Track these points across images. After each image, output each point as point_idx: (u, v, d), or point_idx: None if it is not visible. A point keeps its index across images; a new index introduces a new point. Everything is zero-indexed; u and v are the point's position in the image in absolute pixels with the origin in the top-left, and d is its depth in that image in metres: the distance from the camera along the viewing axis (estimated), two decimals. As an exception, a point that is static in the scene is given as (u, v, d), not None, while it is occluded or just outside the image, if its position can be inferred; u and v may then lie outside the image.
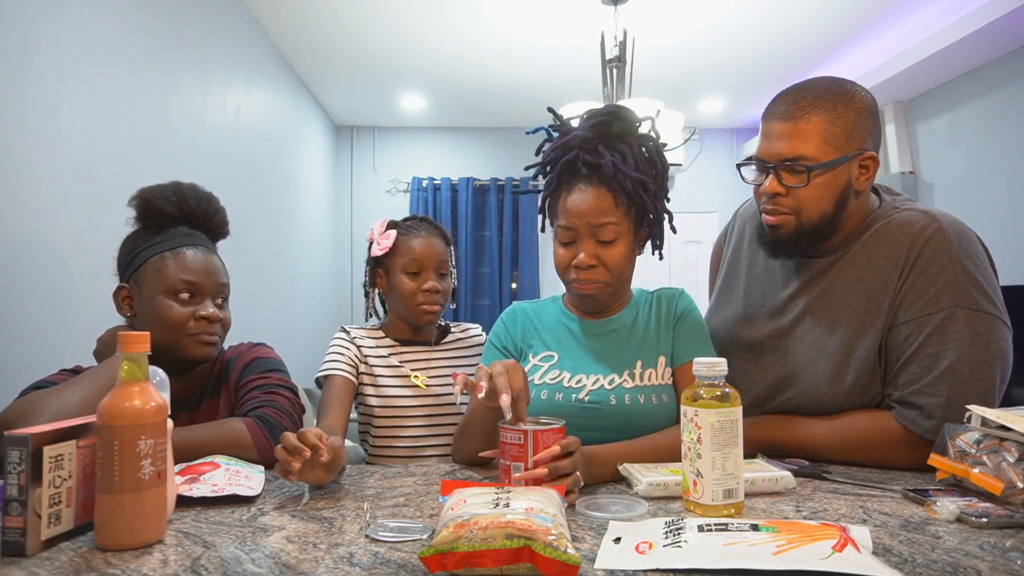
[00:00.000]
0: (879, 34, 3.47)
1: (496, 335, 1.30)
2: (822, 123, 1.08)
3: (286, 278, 3.73)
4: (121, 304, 1.19)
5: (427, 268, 1.47)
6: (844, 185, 1.10)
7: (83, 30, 1.80)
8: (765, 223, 1.17)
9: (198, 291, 1.17)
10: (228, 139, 2.85)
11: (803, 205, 1.11)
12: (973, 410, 0.89)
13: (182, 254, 1.17)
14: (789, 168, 1.10)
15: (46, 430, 0.73)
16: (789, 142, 1.09)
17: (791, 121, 1.10)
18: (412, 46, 3.62)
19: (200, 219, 1.24)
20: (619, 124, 1.17)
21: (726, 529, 0.70)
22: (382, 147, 5.19)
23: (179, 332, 1.15)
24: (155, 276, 1.15)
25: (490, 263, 5.10)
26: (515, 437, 0.90)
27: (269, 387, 1.21)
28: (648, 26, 3.32)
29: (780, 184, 1.11)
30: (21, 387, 1.12)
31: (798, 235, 1.14)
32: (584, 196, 1.14)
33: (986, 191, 3.41)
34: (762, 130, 1.16)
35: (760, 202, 1.18)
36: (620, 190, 1.13)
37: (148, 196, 1.20)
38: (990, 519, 0.76)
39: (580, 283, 1.18)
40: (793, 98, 1.12)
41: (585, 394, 1.17)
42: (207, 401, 1.25)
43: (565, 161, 1.16)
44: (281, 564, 0.68)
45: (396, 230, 1.51)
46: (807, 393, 1.15)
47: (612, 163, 1.13)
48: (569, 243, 1.17)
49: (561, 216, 1.17)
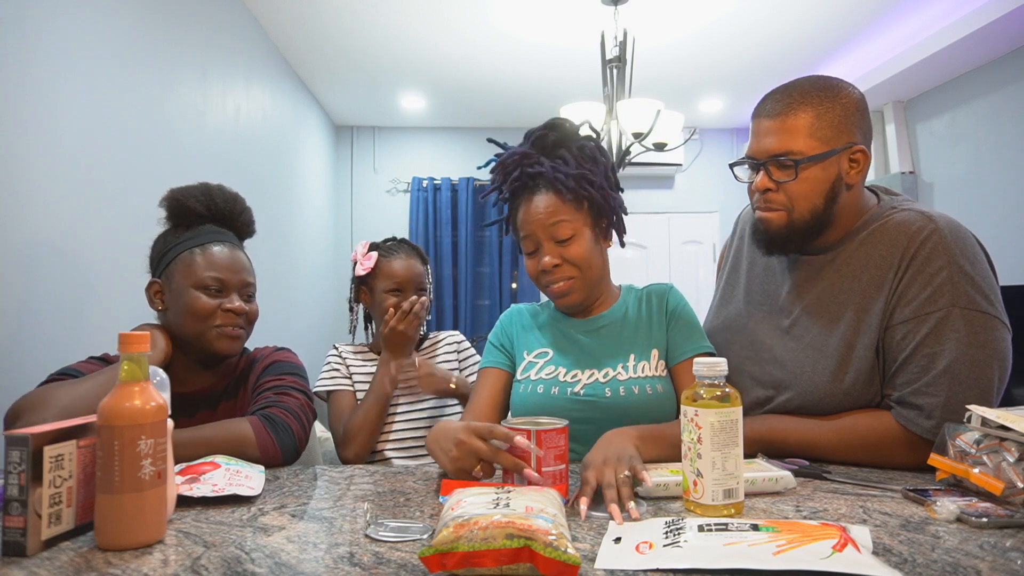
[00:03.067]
0: (879, 34, 3.47)
1: (495, 335, 1.35)
2: (809, 118, 1.10)
3: (286, 278, 3.73)
4: (153, 298, 1.24)
5: (407, 288, 1.62)
6: (834, 179, 1.11)
7: (83, 30, 1.80)
8: (758, 220, 1.18)
9: (225, 286, 1.22)
10: (228, 139, 2.85)
11: (793, 200, 1.12)
12: (973, 410, 0.89)
13: (210, 250, 1.22)
14: (778, 163, 1.11)
15: (46, 430, 0.73)
16: (777, 138, 1.11)
17: (779, 118, 1.11)
18: (412, 46, 3.62)
19: (227, 217, 1.29)
20: (555, 134, 1.25)
21: (726, 529, 0.70)
22: (382, 147, 5.19)
23: (207, 323, 1.20)
24: (185, 271, 1.20)
25: (490, 263, 5.10)
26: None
27: (282, 388, 1.24)
28: (648, 26, 3.32)
29: (770, 180, 1.13)
30: (23, 384, 1.14)
31: (790, 231, 1.14)
32: (533, 204, 1.20)
33: (986, 191, 3.41)
34: (752, 129, 1.18)
35: (753, 200, 1.19)
36: (564, 188, 1.19)
37: (178, 196, 1.26)
38: (990, 519, 0.76)
39: (552, 284, 1.22)
40: (781, 96, 1.13)
41: (580, 387, 1.19)
42: (226, 401, 1.28)
43: (513, 178, 1.23)
44: (281, 564, 0.68)
45: (377, 252, 1.66)
46: (807, 393, 1.15)
47: (552, 167, 1.19)
48: (533, 252, 1.23)
49: (519, 229, 1.25)
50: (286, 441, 1.15)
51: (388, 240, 1.73)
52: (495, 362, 1.31)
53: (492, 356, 1.32)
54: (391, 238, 1.75)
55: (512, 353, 1.31)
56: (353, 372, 1.64)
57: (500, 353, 1.31)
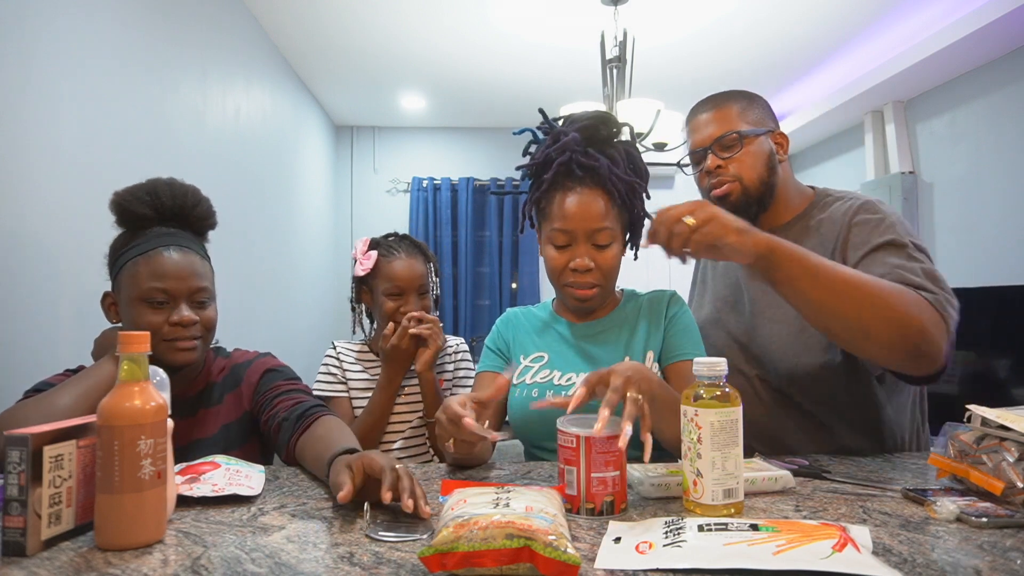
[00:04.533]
0: (879, 34, 3.47)
1: (492, 339, 1.34)
2: (737, 109, 1.30)
3: (286, 278, 3.73)
4: (108, 311, 1.18)
5: (408, 291, 1.55)
6: (769, 153, 1.30)
7: (83, 30, 1.80)
8: (714, 197, 1.30)
9: (171, 296, 1.12)
10: (228, 139, 2.85)
11: (742, 169, 1.28)
12: (973, 410, 0.89)
13: (155, 258, 1.12)
14: (721, 144, 1.29)
15: (46, 430, 0.73)
16: (717, 125, 1.29)
17: (714, 111, 1.31)
18: (412, 46, 3.62)
19: (178, 215, 1.19)
20: (605, 129, 1.19)
21: (726, 529, 0.70)
22: (382, 147, 5.19)
23: (154, 339, 1.10)
24: (130, 283, 1.12)
25: (490, 263, 5.10)
26: (568, 440, 0.85)
27: (305, 391, 1.26)
28: (648, 26, 3.32)
29: (718, 158, 1.29)
30: (17, 385, 1.12)
31: (746, 197, 1.28)
32: (581, 199, 1.15)
33: (986, 191, 3.40)
34: (689, 129, 1.36)
35: (705, 185, 1.33)
36: (615, 193, 1.15)
37: (121, 199, 1.16)
38: (990, 519, 0.76)
39: (578, 287, 1.18)
40: (710, 99, 1.34)
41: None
42: (204, 408, 1.22)
43: (560, 163, 1.15)
44: (281, 564, 0.68)
45: (377, 251, 1.57)
46: (787, 362, 1.24)
47: (607, 166, 1.14)
48: (564, 246, 1.18)
49: (556, 219, 1.17)
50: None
51: (389, 236, 1.65)
52: (492, 366, 1.30)
53: (489, 360, 1.31)
54: (392, 234, 1.66)
55: (509, 357, 1.30)
56: (350, 377, 1.58)
57: (497, 357, 1.31)
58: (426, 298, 1.58)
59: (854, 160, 4.48)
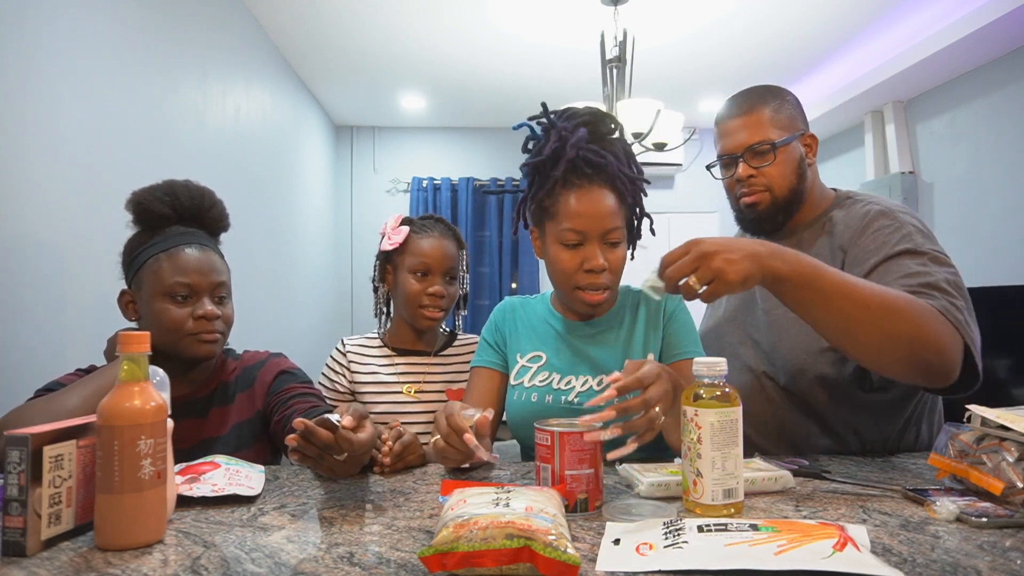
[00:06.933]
0: (879, 34, 3.47)
1: (488, 331, 1.32)
2: (769, 112, 1.27)
3: (286, 278, 3.73)
4: (125, 308, 1.19)
5: (435, 271, 1.45)
6: (799, 159, 1.28)
7: (83, 30, 1.80)
8: (744, 205, 1.30)
9: (194, 291, 1.15)
10: (228, 139, 2.85)
11: (773, 180, 1.27)
12: (973, 410, 0.89)
13: (176, 255, 1.15)
14: (754, 152, 1.26)
15: (46, 430, 0.73)
16: (749, 132, 1.27)
17: (744, 116, 1.28)
18: (412, 46, 3.62)
19: (195, 215, 1.22)
20: (605, 126, 1.17)
21: (726, 529, 0.70)
22: (382, 147, 5.19)
23: (178, 333, 1.14)
24: (152, 279, 1.14)
25: (490, 263, 5.10)
26: (544, 438, 0.87)
27: (320, 396, 1.26)
28: (648, 26, 3.32)
29: (750, 167, 1.27)
30: (19, 385, 1.13)
31: (775, 208, 1.28)
32: (593, 197, 1.11)
33: (986, 191, 3.41)
34: (719, 132, 1.33)
35: (734, 192, 1.32)
36: (624, 190, 1.14)
37: (141, 198, 1.19)
38: (990, 519, 0.76)
39: (591, 290, 1.14)
40: (740, 100, 1.31)
41: (574, 395, 1.17)
42: (216, 408, 1.23)
43: (568, 159, 1.11)
44: (281, 564, 0.68)
45: (410, 227, 1.50)
46: (796, 362, 1.23)
47: (616, 164, 1.12)
48: (576, 245, 1.13)
49: (566, 218, 1.12)
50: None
51: (424, 217, 1.56)
52: (488, 362, 1.28)
53: (485, 355, 1.29)
54: (428, 215, 1.56)
55: (505, 352, 1.28)
56: (358, 378, 1.50)
57: (493, 352, 1.28)
58: (453, 285, 1.49)
59: (854, 160, 4.48)
